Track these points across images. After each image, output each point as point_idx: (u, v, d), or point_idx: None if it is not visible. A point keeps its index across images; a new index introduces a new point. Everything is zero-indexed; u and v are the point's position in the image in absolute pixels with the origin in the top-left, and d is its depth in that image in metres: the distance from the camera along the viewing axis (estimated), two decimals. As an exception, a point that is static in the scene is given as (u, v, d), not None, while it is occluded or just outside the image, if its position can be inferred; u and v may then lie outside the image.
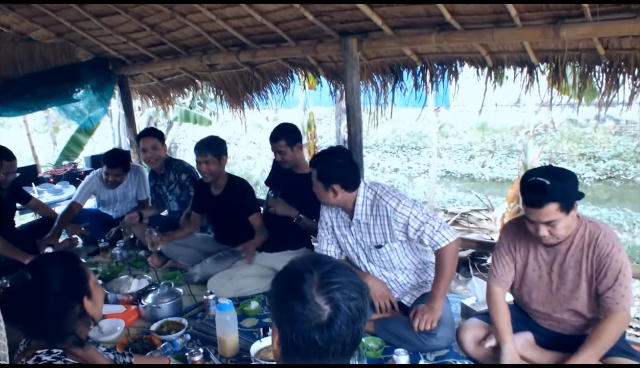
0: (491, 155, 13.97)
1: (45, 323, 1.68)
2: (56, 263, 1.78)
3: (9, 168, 4.21)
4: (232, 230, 3.98)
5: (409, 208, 2.72)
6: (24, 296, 1.68)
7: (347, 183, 2.81)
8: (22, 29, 5.08)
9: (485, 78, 3.72)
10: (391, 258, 2.92)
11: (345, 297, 1.17)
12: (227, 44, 4.54)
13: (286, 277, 1.24)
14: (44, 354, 1.61)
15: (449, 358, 2.66)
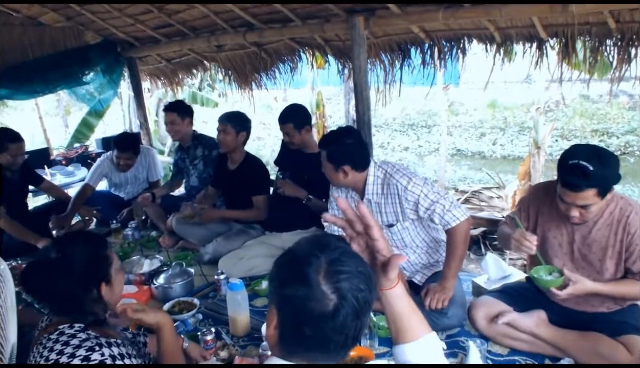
0: (502, 133, 13.85)
1: (64, 301, 1.70)
2: (82, 243, 1.78)
3: (16, 150, 4.23)
4: (242, 208, 4.01)
5: (420, 187, 2.70)
6: (46, 271, 1.69)
7: (357, 163, 2.80)
8: (32, 13, 5.10)
9: (494, 54, 3.68)
10: (403, 237, 2.91)
11: (352, 288, 1.10)
12: (234, 25, 4.52)
13: (291, 259, 1.16)
14: (67, 328, 1.64)
15: (461, 337, 2.68)
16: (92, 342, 1.60)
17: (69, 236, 1.87)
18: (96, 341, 1.61)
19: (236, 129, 3.85)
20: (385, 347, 2.64)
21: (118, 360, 1.62)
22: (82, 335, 1.62)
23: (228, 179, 4.04)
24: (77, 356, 1.55)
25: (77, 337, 1.61)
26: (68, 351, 1.56)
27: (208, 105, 9.36)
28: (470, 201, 6.23)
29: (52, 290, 1.69)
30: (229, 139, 3.85)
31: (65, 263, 1.70)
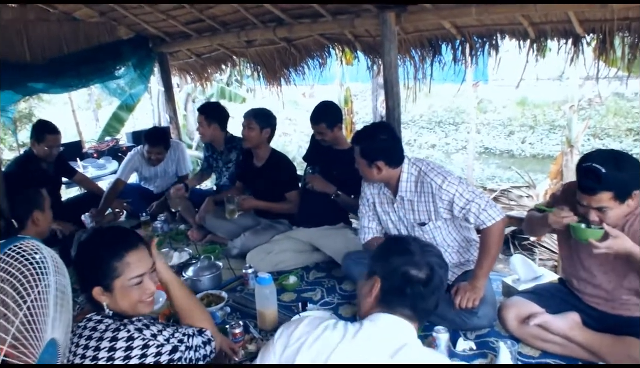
0: (532, 131, 13.65)
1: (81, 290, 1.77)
2: (88, 243, 1.83)
3: (52, 141, 4.35)
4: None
5: (455, 186, 2.66)
6: (73, 260, 1.76)
7: (391, 159, 2.76)
8: (67, 8, 5.19)
9: (527, 51, 3.62)
10: (434, 236, 2.87)
11: (438, 263, 1.57)
12: (264, 20, 4.53)
13: (395, 241, 1.77)
14: (94, 315, 1.71)
15: (490, 337, 2.64)
16: (116, 323, 1.67)
17: (88, 233, 1.89)
18: (120, 322, 1.68)
19: (260, 125, 3.86)
20: (413, 345, 2.62)
21: (144, 330, 1.69)
22: (108, 321, 1.69)
23: (255, 175, 4.06)
24: (105, 338, 1.62)
25: (103, 322, 1.68)
26: (96, 335, 1.64)
27: (236, 100, 9.44)
28: (499, 200, 6.16)
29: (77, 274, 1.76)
30: (252, 134, 3.87)
31: (78, 253, 1.78)
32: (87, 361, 1.58)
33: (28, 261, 1.34)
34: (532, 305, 2.49)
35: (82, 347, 1.62)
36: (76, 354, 1.61)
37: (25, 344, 1.24)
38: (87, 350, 1.61)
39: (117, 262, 1.74)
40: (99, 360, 1.58)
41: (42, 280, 1.33)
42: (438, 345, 2.45)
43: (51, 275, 1.40)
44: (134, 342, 1.62)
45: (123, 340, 1.61)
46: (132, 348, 1.61)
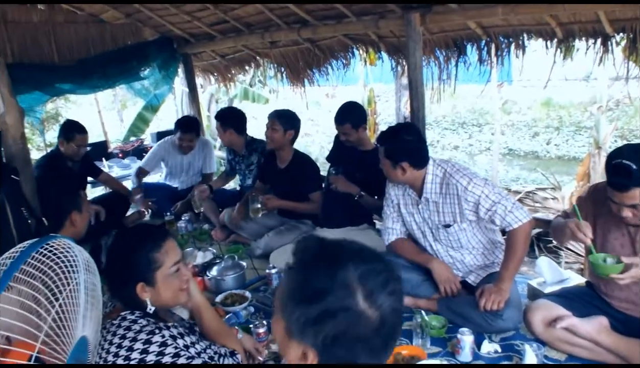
0: (557, 132, 13.45)
1: (116, 290, 1.80)
2: (126, 241, 1.85)
3: (81, 140, 4.45)
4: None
5: (480, 187, 2.64)
6: (107, 258, 1.78)
7: (417, 161, 2.75)
8: (94, 10, 5.28)
9: (554, 51, 3.57)
10: (459, 237, 2.84)
11: (391, 306, 0.97)
12: (289, 21, 4.55)
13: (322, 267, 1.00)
14: (128, 314, 1.72)
15: (516, 340, 2.61)
16: (151, 326, 1.68)
17: (124, 230, 1.91)
18: (155, 325, 1.69)
19: (284, 127, 3.88)
20: (437, 347, 2.61)
21: (178, 338, 1.69)
22: (142, 321, 1.70)
23: (278, 176, 4.07)
24: (139, 340, 1.63)
25: (137, 323, 1.69)
26: (130, 335, 1.64)
27: (259, 101, 9.47)
28: (523, 202, 6.07)
29: (108, 278, 1.78)
30: (276, 135, 3.89)
31: (112, 255, 1.78)
32: (120, 360, 1.60)
33: (60, 259, 1.36)
34: (558, 308, 2.45)
35: (115, 346, 1.63)
36: (109, 352, 1.63)
37: (57, 341, 1.26)
38: (120, 349, 1.62)
39: (157, 253, 1.77)
40: (131, 361, 1.60)
41: (73, 278, 1.35)
42: (462, 347, 2.44)
43: (81, 273, 1.43)
44: (167, 348, 1.63)
45: (156, 344, 1.63)
46: (163, 355, 1.62)
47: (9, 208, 1.98)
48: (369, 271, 0.96)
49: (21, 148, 2.47)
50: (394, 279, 0.98)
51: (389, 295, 0.95)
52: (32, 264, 1.32)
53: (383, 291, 0.95)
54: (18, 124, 2.43)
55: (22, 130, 2.48)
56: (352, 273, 0.94)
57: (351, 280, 0.94)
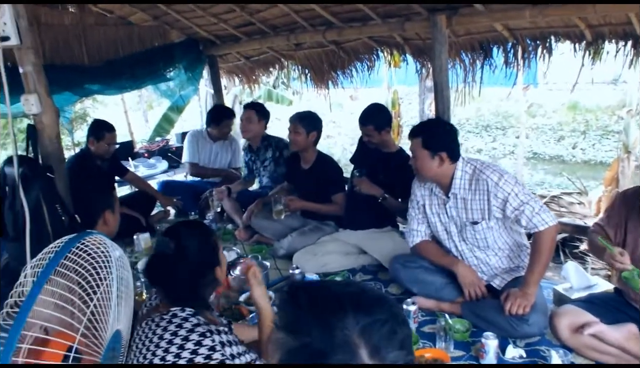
0: (583, 136, 13.25)
1: (181, 288, 1.82)
2: (194, 234, 1.91)
3: (111, 139, 4.55)
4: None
5: (511, 185, 2.63)
6: (167, 262, 1.82)
7: (453, 153, 2.75)
8: (123, 13, 5.38)
9: (582, 54, 3.53)
10: (486, 236, 2.82)
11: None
12: (314, 23, 4.57)
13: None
14: (179, 311, 1.75)
15: (541, 346, 2.59)
16: (203, 327, 1.70)
17: (181, 228, 1.96)
18: (207, 327, 1.71)
19: (306, 129, 3.91)
20: (461, 351, 2.60)
21: (227, 346, 1.71)
22: (193, 320, 1.72)
23: (302, 178, 4.10)
24: (190, 340, 1.66)
25: (189, 321, 1.72)
26: (182, 333, 1.68)
27: (283, 102, 9.52)
28: (549, 206, 5.99)
29: (173, 279, 1.81)
30: (299, 138, 3.92)
31: (184, 253, 1.82)
32: (170, 357, 1.64)
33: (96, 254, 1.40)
34: (586, 314, 2.43)
35: (166, 341, 1.67)
36: (159, 346, 1.67)
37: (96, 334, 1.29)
38: (171, 346, 1.66)
39: (213, 237, 1.95)
40: (181, 359, 1.63)
41: (108, 273, 1.39)
42: (487, 351, 2.43)
43: (114, 269, 1.46)
44: (214, 354, 1.65)
45: (206, 347, 1.65)
46: (210, 359, 1.64)
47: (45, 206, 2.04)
48: (372, 323, 0.82)
49: (56, 147, 2.53)
50: (400, 326, 0.85)
51: (398, 350, 0.83)
52: (71, 258, 1.36)
53: (390, 345, 0.82)
54: (54, 124, 2.50)
55: (57, 130, 2.55)
56: (352, 329, 0.80)
57: (352, 337, 0.80)
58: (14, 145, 2.07)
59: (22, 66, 2.38)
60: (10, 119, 2.15)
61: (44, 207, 2.06)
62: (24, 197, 1.99)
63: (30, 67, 2.38)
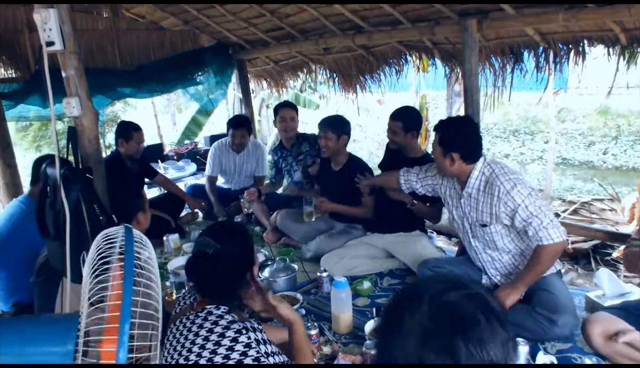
0: (615, 142, 13.00)
1: (220, 287, 1.87)
2: (234, 234, 1.97)
3: (139, 137, 4.63)
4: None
5: (523, 196, 2.61)
6: (208, 261, 1.86)
7: (467, 154, 2.76)
8: (155, 18, 5.50)
9: (617, 58, 3.47)
10: (494, 239, 2.84)
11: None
12: (344, 28, 4.60)
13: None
14: (214, 308, 1.80)
15: (573, 353, 2.56)
16: (239, 324, 1.74)
17: (222, 228, 2.02)
18: (243, 324, 1.74)
19: (337, 133, 3.94)
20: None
21: (261, 344, 1.74)
22: (228, 317, 1.77)
23: (332, 179, 4.12)
24: (226, 336, 1.71)
25: (224, 318, 1.76)
26: (218, 330, 1.73)
27: (310, 107, 9.58)
28: (579, 212, 5.92)
29: (213, 277, 1.86)
30: (330, 144, 3.95)
31: (225, 253, 1.87)
32: (206, 353, 1.69)
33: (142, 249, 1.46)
34: (620, 322, 2.39)
35: (202, 338, 1.72)
36: (195, 342, 1.72)
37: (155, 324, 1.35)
38: (207, 342, 1.71)
39: (250, 237, 2.03)
40: (217, 356, 1.67)
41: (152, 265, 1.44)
42: (517, 357, 2.41)
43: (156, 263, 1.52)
44: (250, 350, 1.69)
45: (242, 344, 1.69)
46: (246, 355, 1.69)
47: (84, 206, 2.11)
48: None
49: (95, 149, 2.61)
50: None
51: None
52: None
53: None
54: (93, 126, 2.58)
55: (96, 132, 2.62)
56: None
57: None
58: (57, 146, 2.13)
59: (65, 70, 2.46)
60: (54, 121, 2.22)
61: (83, 207, 2.12)
62: (64, 197, 2.05)
63: (73, 71, 2.46)
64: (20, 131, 11.78)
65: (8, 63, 4.61)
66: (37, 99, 4.54)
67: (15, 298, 2.98)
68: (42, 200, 2.24)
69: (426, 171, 3.24)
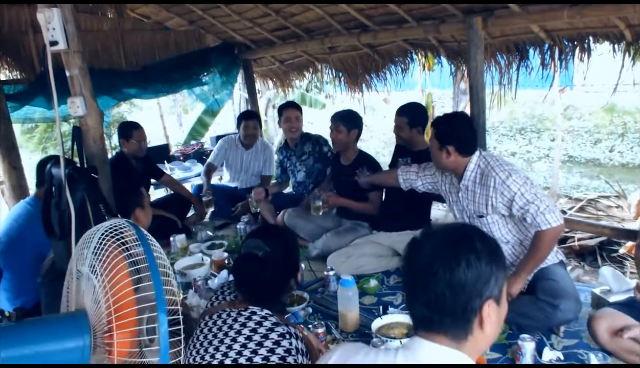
0: (621, 139, 12.94)
1: (266, 291, 1.87)
2: (282, 238, 1.98)
3: (139, 135, 4.64)
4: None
5: (518, 185, 2.66)
6: (257, 263, 1.86)
7: (463, 147, 2.82)
8: (159, 18, 5.51)
9: (622, 54, 3.46)
10: (492, 229, 2.86)
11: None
12: (349, 27, 4.59)
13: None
14: (258, 309, 1.79)
15: (579, 349, 2.55)
16: (283, 328, 1.75)
17: (270, 230, 2.07)
18: (287, 329, 1.75)
19: (347, 127, 3.98)
20: (497, 353, 2.58)
21: (299, 354, 1.74)
22: (272, 319, 1.77)
23: (342, 174, 4.15)
24: (270, 338, 1.72)
25: (268, 320, 1.76)
26: (262, 331, 1.73)
27: (316, 106, 9.58)
28: (585, 210, 5.90)
29: (259, 281, 1.86)
30: (340, 136, 3.99)
31: (274, 256, 1.87)
32: (247, 352, 1.70)
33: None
34: (625, 317, 2.38)
35: (244, 337, 1.73)
36: (236, 340, 1.73)
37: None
38: (249, 342, 1.72)
39: (297, 243, 2.06)
40: (257, 356, 1.69)
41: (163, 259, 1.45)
42: (523, 353, 2.41)
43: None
44: (289, 357, 1.70)
45: (283, 349, 1.70)
46: (284, 360, 1.69)
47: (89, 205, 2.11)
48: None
49: (100, 148, 2.62)
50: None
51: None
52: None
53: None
54: (98, 125, 2.58)
55: (101, 132, 2.63)
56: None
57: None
58: (61, 146, 2.14)
59: (69, 70, 2.47)
60: (58, 120, 2.23)
61: (88, 206, 2.12)
62: (69, 197, 2.05)
63: (77, 70, 2.47)
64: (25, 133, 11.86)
65: (13, 64, 4.61)
66: (42, 100, 4.55)
67: (22, 299, 2.99)
68: (47, 201, 2.25)
69: (424, 169, 3.29)
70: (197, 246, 4.36)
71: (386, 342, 2.54)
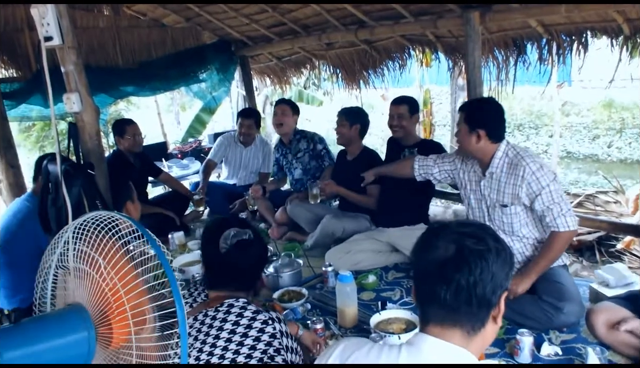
0: (619, 135, 12.95)
1: (248, 275, 1.94)
2: (249, 225, 2.00)
3: (132, 130, 4.63)
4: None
5: (548, 180, 2.62)
6: (247, 247, 1.90)
7: (493, 132, 2.77)
8: (156, 15, 5.49)
9: (620, 49, 3.45)
10: (512, 221, 2.83)
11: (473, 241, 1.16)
12: (346, 22, 4.59)
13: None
14: (234, 301, 1.81)
15: (577, 343, 2.55)
16: (264, 315, 1.76)
17: (247, 222, 2.10)
18: (268, 315, 1.77)
19: (350, 121, 4.05)
20: (495, 348, 2.57)
21: (284, 336, 1.76)
22: (252, 308, 1.78)
23: (346, 169, 4.18)
24: (253, 327, 1.73)
25: (248, 309, 1.77)
26: (244, 322, 1.74)
27: (313, 103, 9.56)
28: (583, 205, 5.88)
29: (248, 264, 1.90)
30: (343, 130, 4.07)
31: (258, 242, 1.94)
32: (233, 345, 1.70)
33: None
34: (622, 311, 2.39)
35: (227, 331, 1.73)
36: (219, 337, 1.73)
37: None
38: (233, 335, 1.72)
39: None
40: (243, 347, 1.69)
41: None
42: (521, 348, 2.41)
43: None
44: (274, 341, 1.73)
45: (267, 334, 1.72)
46: (270, 345, 1.71)
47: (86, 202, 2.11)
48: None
49: (96, 144, 2.61)
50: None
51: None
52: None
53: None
54: (94, 122, 2.58)
55: (97, 128, 2.62)
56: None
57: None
58: (57, 142, 2.13)
59: (64, 66, 2.46)
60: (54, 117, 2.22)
61: (85, 202, 2.12)
62: (66, 193, 2.05)
63: (72, 66, 2.46)
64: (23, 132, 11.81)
65: (9, 62, 4.59)
66: (39, 98, 4.54)
67: (20, 296, 2.98)
68: (44, 197, 2.24)
69: (443, 157, 3.26)
70: (195, 243, 4.35)
71: (385, 337, 2.54)
